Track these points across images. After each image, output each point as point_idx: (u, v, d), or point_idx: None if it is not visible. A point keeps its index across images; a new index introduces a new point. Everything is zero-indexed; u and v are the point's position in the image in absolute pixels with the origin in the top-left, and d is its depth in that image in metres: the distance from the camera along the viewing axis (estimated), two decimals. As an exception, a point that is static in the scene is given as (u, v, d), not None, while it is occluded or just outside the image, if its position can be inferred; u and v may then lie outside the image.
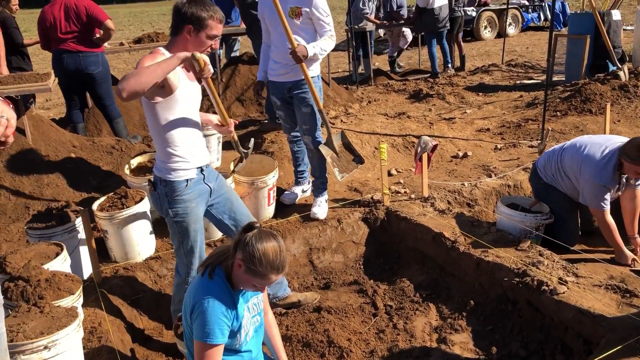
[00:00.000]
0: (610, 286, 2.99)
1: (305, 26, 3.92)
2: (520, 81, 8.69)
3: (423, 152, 4.30)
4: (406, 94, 8.40)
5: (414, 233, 4.03)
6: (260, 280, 2.10)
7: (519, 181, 4.76)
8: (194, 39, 2.66)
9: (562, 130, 5.83)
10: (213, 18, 2.65)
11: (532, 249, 3.46)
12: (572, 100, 6.46)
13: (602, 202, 3.58)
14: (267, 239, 2.08)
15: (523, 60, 10.48)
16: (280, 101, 4.16)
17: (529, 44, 13.09)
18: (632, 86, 6.30)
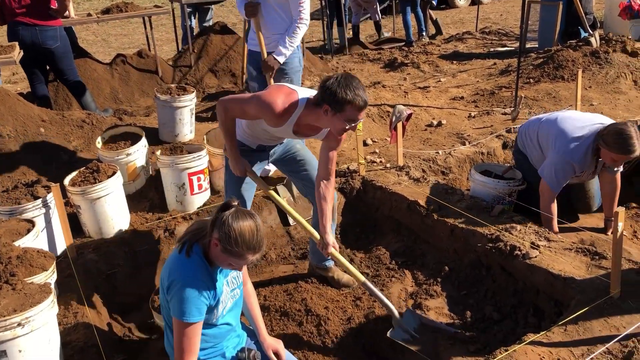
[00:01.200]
0: (581, 249, 3.06)
1: (281, 3, 3.86)
2: (494, 49, 8.72)
3: (398, 122, 4.29)
4: (381, 63, 8.37)
5: (390, 202, 4.06)
6: (236, 260, 2.08)
7: (492, 148, 4.81)
8: (330, 119, 2.57)
9: (535, 97, 5.88)
10: (352, 104, 2.49)
11: (504, 214, 3.51)
12: (545, 67, 6.51)
13: (557, 179, 3.45)
14: (244, 218, 2.06)
15: (497, 27, 10.50)
16: (257, 71, 4.08)
17: (503, 11, 13.09)
18: (603, 52, 6.36)
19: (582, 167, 3.43)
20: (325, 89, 2.52)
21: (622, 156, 3.25)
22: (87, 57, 6.81)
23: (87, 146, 4.80)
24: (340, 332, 3.02)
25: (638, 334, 2.40)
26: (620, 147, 3.21)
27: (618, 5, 8.57)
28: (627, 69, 6.14)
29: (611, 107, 5.47)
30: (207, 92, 6.76)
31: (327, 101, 2.51)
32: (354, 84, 2.50)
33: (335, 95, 2.47)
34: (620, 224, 2.47)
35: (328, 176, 2.90)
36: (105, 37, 13.37)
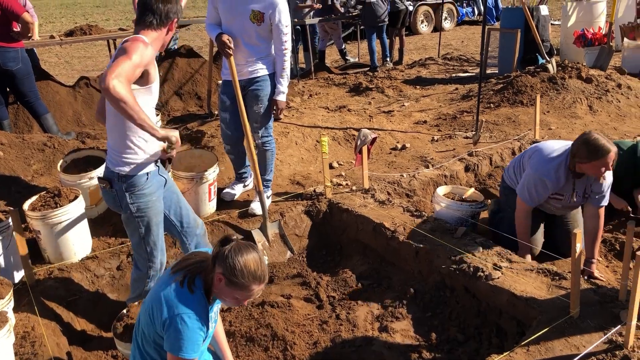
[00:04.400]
0: (541, 270, 3.13)
1: (264, 32, 3.90)
2: (456, 74, 8.95)
3: (363, 145, 4.35)
4: (346, 87, 8.48)
5: (356, 224, 4.09)
6: (242, 292, 2.06)
7: (455, 171, 4.90)
8: (168, 32, 2.67)
9: (496, 122, 6.05)
10: (180, 11, 2.65)
11: (468, 236, 3.57)
12: (505, 92, 6.71)
13: (529, 194, 3.48)
14: (247, 250, 2.06)
15: (458, 53, 10.79)
16: (231, 101, 4.03)
17: (464, 38, 13.48)
18: (560, 78, 6.60)
19: (555, 184, 3.42)
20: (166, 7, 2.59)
21: (602, 160, 3.19)
22: (49, 79, 6.71)
23: (48, 170, 4.71)
24: (306, 357, 3.00)
25: (597, 352, 2.46)
26: (595, 153, 3.18)
27: (573, 34, 8.93)
28: (582, 94, 6.38)
29: (568, 131, 5.66)
30: (172, 115, 6.73)
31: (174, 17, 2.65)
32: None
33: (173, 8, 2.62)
34: (578, 245, 2.54)
35: None
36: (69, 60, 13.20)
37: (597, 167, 3.22)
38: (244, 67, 3.97)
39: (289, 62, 4.03)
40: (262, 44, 3.94)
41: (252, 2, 3.80)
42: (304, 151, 5.42)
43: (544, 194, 3.48)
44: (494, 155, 5.18)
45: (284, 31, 3.86)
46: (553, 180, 3.40)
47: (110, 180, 2.69)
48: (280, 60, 3.97)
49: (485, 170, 5.06)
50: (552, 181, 3.40)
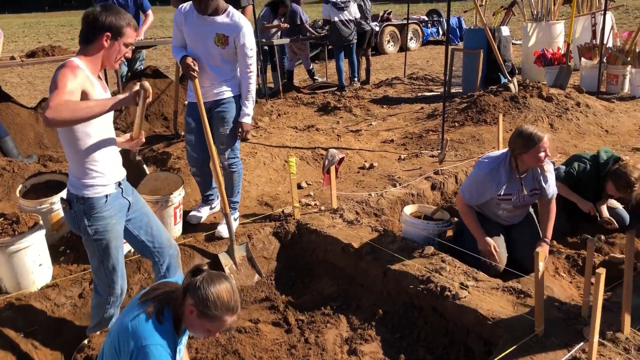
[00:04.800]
0: (507, 288, 3.17)
1: (229, 55, 3.90)
2: (422, 93, 9.09)
3: (331, 165, 4.36)
4: (315, 107, 8.53)
5: (324, 245, 4.07)
6: (215, 324, 2.03)
7: (422, 190, 4.95)
8: (110, 48, 2.58)
9: (460, 140, 6.14)
10: (130, 26, 2.59)
11: (435, 255, 3.60)
12: (469, 111, 6.83)
13: (470, 191, 3.70)
14: (219, 281, 2.03)
15: (424, 73, 10.98)
16: (196, 123, 4.00)
17: (429, 58, 13.72)
18: (521, 97, 6.76)
19: (496, 181, 3.61)
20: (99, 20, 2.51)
21: (538, 147, 3.45)
22: (9, 101, 6.55)
23: (6, 195, 4.57)
24: (275, 382, 2.95)
25: (562, 369, 2.49)
26: (531, 140, 3.45)
27: (533, 54, 9.19)
28: (543, 112, 6.54)
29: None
30: (138, 137, 6.63)
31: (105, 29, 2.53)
32: (121, 10, 2.58)
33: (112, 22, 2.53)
34: (540, 263, 2.58)
35: None
36: (31, 80, 12.95)
37: (535, 154, 3.47)
38: (209, 89, 3.96)
39: (255, 85, 4.03)
40: (227, 67, 3.94)
41: (217, 26, 3.80)
42: (272, 171, 5.40)
43: (484, 193, 3.67)
44: (459, 173, 5.25)
45: (249, 54, 3.87)
46: (495, 177, 3.61)
47: (70, 202, 2.66)
48: (245, 83, 3.98)
49: (451, 189, 5.12)
50: (492, 178, 3.61)
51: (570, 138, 6.11)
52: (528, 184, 3.69)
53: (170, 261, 3.09)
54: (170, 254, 3.08)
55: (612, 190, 4.15)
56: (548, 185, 3.71)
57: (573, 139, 6.10)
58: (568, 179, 4.29)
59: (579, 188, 4.28)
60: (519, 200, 3.71)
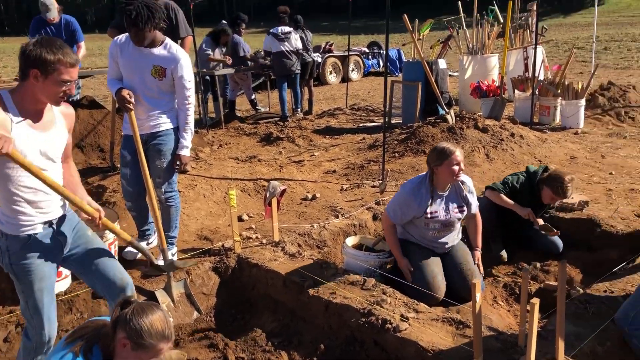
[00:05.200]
0: (446, 319, 3.19)
1: (166, 87, 3.83)
2: (363, 124, 9.23)
3: (272, 197, 4.32)
4: (257, 137, 8.50)
5: (265, 279, 4.00)
6: (149, 354, 1.96)
7: (364, 220, 4.97)
8: (42, 85, 2.39)
9: (401, 170, 6.24)
10: (62, 61, 2.37)
11: (376, 287, 3.59)
12: (408, 142, 6.97)
13: (393, 209, 3.85)
14: (150, 310, 1.98)
15: (365, 104, 11.17)
16: (131, 156, 3.89)
17: (370, 89, 14.02)
18: (459, 128, 6.97)
19: (418, 200, 3.76)
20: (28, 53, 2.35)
21: (450, 161, 3.64)
22: None
23: None
24: None
25: (501, 400, 2.51)
26: (443, 153, 3.65)
27: (469, 86, 9.54)
28: (479, 143, 6.75)
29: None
30: (72, 169, 6.39)
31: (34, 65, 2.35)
32: (58, 44, 2.40)
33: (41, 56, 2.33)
34: (477, 295, 2.61)
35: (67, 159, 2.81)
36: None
37: (449, 167, 3.65)
38: (145, 121, 3.87)
39: (193, 117, 3.98)
40: (164, 98, 3.87)
41: (154, 58, 3.74)
42: (212, 204, 5.30)
43: (408, 212, 3.82)
44: (401, 203, 5.31)
45: (187, 86, 3.82)
46: (416, 195, 3.77)
47: None
48: (183, 115, 3.91)
49: (392, 219, 5.16)
50: (414, 196, 3.77)
51: (505, 168, 6.31)
52: (452, 200, 3.87)
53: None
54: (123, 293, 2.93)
55: (547, 196, 4.38)
56: (471, 201, 3.96)
57: (508, 169, 6.30)
58: (504, 188, 4.50)
59: (516, 199, 4.48)
60: (445, 217, 3.86)
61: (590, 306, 3.32)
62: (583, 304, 3.36)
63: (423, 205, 3.77)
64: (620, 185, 5.56)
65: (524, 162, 6.58)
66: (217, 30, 9.50)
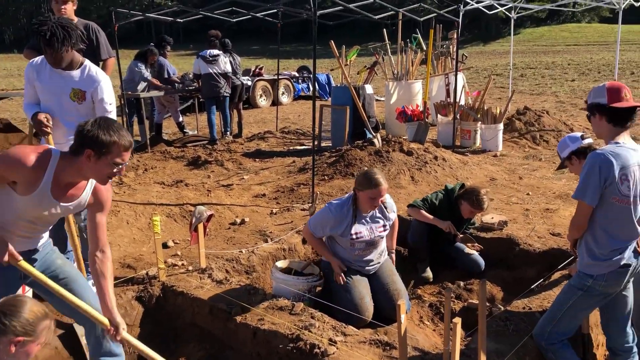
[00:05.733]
0: (374, 341, 3.21)
1: (85, 110, 3.69)
2: (293, 147, 9.27)
3: (198, 222, 4.23)
4: (184, 160, 8.34)
5: (192, 308, 3.89)
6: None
7: (294, 244, 4.95)
8: (94, 165, 2.43)
9: (330, 193, 6.30)
10: (117, 144, 2.43)
11: (305, 312, 3.57)
12: (337, 165, 7.06)
13: (314, 225, 3.94)
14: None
15: (295, 127, 11.24)
16: None
17: (301, 112, 14.14)
18: (385, 152, 7.13)
19: (339, 218, 3.84)
20: (85, 133, 2.41)
21: (373, 191, 3.71)
22: None
23: None
24: None
25: (426, 421, 2.53)
26: (369, 182, 3.71)
27: (395, 110, 9.81)
28: (405, 166, 6.94)
29: (394, 200, 6.04)
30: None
31: (89, 145, 2.40)
32: (115, 125, 2.47)
33: (97, 137, 2.39)
34: (402, 316, 2.65)
35: (102, 247, 2.74)
36: None
37: (369, 196, 3.74)
38: (64, 145, 3.68)
39: None
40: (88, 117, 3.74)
41: (72, 80, 3.61)
42: (136, 230, 5.12)
43: (326, 229, 3.91)
44: (329, 226, 5.34)
45: (108, 109, 3.70)
46: (337, 213, 3.85)
47: None
48: None
49: (321, 242, 5.18)
50: (335, 215, 3.84)
51: (429, 189, 6.50)
52: (376, 220, 3.97)
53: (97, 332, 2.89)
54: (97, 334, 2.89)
55: (466, 210, 4.57)
56: (392, 217, 4.11)
57: (432, 190, 6.49)
58: (424, 205, 4.69)
59: (436, 215, 4.66)
60: (370, 237, 3.94)
61: (510, 323, 3.45)
62: (503, 321, 3.48)
63: (343, 224, 3.85)
64: (536, 206, 5.85)
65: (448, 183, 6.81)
66: (143, 50, 9.33)
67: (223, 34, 10.18)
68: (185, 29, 52.67)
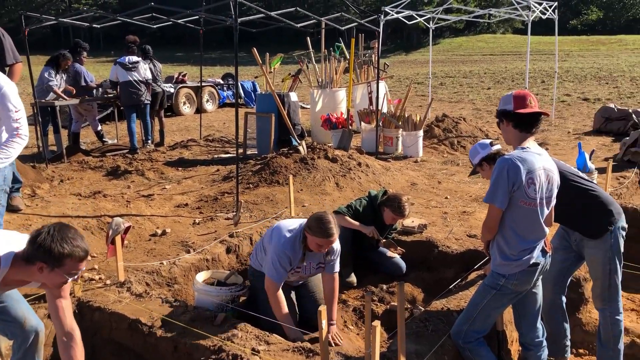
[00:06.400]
0: (297, 348, 3.21)
1: None
2: (218, 155, 9.14)
3: (115, 234, 4.09)
4: (103, 171, 8.03)
5: (109, 323, 3.74)
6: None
7: (217, 254, 4.87)
8: (46, 275, 2.37)
9: (255, 202, 6.26)
10: (72, 257, 2.36)
11: (227, 322, 3.52)
12: (262, 172, 7.03)
13: (276, 270, 3.62)
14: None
15: (220, 135, 11.10)
16: None
17: (226, 120, 13.98)
18: (310, 159, 7.18)
19: (294, 257, 3.68)
20: (37, 245, 2.33)
21: (324, 240, 3.53)
22: None
23: None
24: None
25: None
26: (322, 232, 3.51)
27: (320, 118, 9.91)
28: (329, 172, 7.01)
29: (320, 207, 6.11)
30: None
31: (41, 259, 2.33)
32: (69, 235, 2.37)
33: (50, 251, 2.31)
34: (323, 321, 2.66)
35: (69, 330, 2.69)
36: None
37: (317, 243, 3.57)
38: None
39: (18, 149, 3.63)
40: None
41: None
42: (49, 245, 4.86)
43: (287, 267, 3.68)
44: (254, 234, 5.31)
45: (14, 116, 3.52)
46: (293, 251, 3.67)
47: None
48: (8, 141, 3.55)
49: (246, 251, 5.13)
50: (292, 253, 3.67)
51: (354, 195, 6.60)
52: (315, 258, 3.83)
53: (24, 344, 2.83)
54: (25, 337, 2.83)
55: (389, 217, 4.66)
56: (333, 264, 3.83)
57: (356, 196, 6.59)
58: (348, 211, 4.75)
59: (361, 221, 4.72)
60: (305, 273, 3.90)
61: (430, 324, 3.56)
62: (423, 322, 3.58)
63: (296, 260, 3.71)
64: (454, 209, 6.08)
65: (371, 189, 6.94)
66: (54, 55, 8.92)
67: (145, 40, 9.94)
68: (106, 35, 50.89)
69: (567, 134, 10.73)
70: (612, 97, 15.91)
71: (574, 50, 40.85)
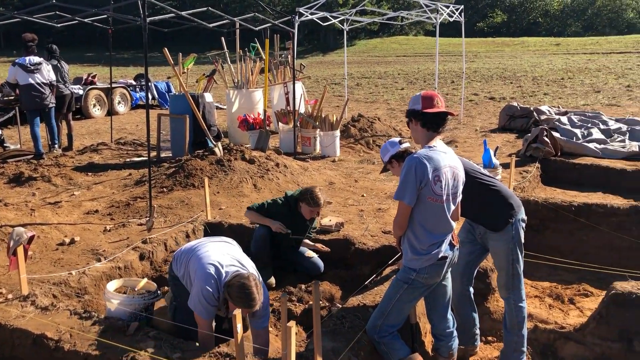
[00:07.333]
0: (214, 354, 3.15)
1: None
2: (130, 159, 8.83)
3: (17, 245, 3.86)
4: (5, 178, 7.54)
5: (11, 340, 3.52)
6: None
7: (130, 261, 4.71)
8: None
9: (170, 206, 6.10)
10: None
11: (140, 331, 3.41)
12: (177, 175, 6.86)
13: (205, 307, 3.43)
14: None
15: (133, 137, 10.73)
16: None
17: (139, 122, 13.53)
18: (227, 160, 7.09)
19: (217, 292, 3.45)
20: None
21: (246, 310, 3.30)
22: None
23: None
24: None
25: None
26: (244, 302, 3.25)
27: (237, 119, 9.82)
28: (247, 174, 6.96)
29: (237, 209, 6.05)
30: None
31: None
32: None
33: None
34: (239, 325, 2.64)
35: None
36: None
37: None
38: None
39: None
40: None
41: None
42: (-58, 260, 4.51)
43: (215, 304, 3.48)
44: (169, 239, 5.18)
45: None
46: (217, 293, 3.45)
47: None
48: None
49: (160, 257, 4.99)
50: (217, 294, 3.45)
51: (272, 196, 6.59)
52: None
53: None
54: None
55: (307, 211, 4.71)
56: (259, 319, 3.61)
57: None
58: (260, 209, 4.80)
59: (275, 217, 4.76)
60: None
61: (346, 321, 3.61)
62: (340, 319, 3.63)
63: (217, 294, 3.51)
64: (370, 206, 6.21)
65: (289, 189, 6.96)
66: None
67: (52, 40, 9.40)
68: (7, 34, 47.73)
69: (475, 131, 11.26)
70: (516, 96, 16.88)
71: (481, 52, 42.96)
